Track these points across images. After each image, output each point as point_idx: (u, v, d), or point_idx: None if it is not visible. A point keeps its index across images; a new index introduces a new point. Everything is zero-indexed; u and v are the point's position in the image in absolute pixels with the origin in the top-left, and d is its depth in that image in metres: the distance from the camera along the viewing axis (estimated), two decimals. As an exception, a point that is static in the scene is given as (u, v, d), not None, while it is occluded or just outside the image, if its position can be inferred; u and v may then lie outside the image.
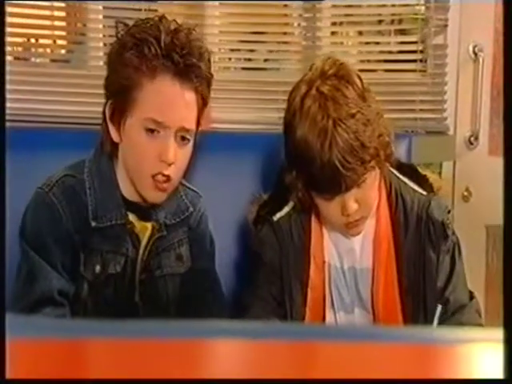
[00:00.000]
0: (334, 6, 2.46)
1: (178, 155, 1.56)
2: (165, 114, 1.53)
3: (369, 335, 0.74)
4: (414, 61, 2.45)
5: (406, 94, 2.45)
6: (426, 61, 2.43)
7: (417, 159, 2.24)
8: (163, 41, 1.51)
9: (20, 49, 2.71)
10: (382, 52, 2.52)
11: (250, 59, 2.54)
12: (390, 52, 2.50)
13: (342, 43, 2.68)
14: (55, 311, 1.53)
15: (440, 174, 2.45)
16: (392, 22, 2.56)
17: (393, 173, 1.74)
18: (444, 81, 2.43)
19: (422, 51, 2.44)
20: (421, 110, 2.43)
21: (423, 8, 2.43)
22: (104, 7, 2.47)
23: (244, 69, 2.55)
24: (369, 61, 2.60)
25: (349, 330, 0.95)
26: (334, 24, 2.55)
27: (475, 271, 2.40)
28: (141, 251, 1.62)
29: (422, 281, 1.68)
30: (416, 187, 1.73)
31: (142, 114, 1.53)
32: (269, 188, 1.83)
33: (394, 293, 1.68)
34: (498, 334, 0.65)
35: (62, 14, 2.61)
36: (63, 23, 2.58)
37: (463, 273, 1.75)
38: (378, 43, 2.53)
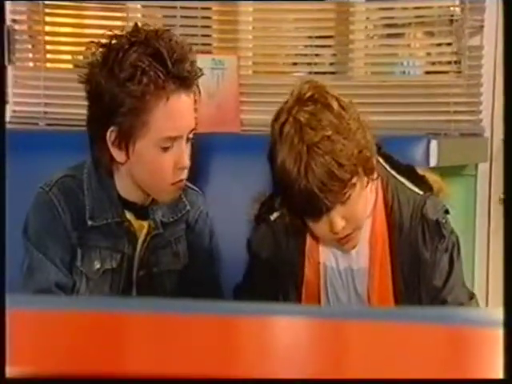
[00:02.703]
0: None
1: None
2: (178, 128, 1.59)
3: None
4: (449, 62, 2.43)
5: (440, 95, 2.43)
6: (460, 62, 2.41)
7: (450, 161, 2.23)
8: (170, 63, 1.54)
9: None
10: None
11: (315, 63, 2.57)
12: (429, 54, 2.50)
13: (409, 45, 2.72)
14: (52, 303, 1.62)
15: (476, 176, 2.42)
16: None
17: (390, 173, 1.74)
18: (480, 82, 2.39)
19: (456, 52, 2.42)
20: (455, 111, 2.40)
21: (458, 9, 2.41)
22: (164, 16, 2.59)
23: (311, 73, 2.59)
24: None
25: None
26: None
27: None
28: (138, 248, 1.69)
29: (417, 280, 1.68)
30: (413, 187, 1.72)
31: (155, 135, 1.57)
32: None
33: (389, 292, 1.69)
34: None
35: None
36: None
37: (461, 273, 1.73)
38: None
